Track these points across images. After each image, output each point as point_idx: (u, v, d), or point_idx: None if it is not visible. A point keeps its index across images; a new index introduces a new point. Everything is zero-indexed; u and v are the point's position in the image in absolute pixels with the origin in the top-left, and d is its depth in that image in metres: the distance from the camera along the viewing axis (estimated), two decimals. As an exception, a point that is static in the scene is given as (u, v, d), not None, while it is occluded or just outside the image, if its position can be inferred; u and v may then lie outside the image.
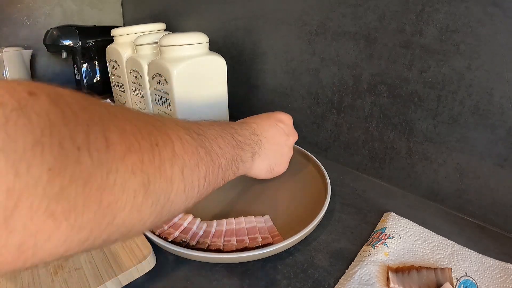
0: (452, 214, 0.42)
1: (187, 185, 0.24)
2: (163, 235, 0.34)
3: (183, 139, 0.25)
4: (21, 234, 0.14)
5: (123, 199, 0.18)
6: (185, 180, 0.24)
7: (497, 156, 0.37)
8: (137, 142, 0.20)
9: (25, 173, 0.14)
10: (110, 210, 0.18)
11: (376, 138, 0.48)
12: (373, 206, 0.43)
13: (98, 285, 0.29)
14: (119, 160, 0.18)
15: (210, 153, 0.28)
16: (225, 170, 0.31)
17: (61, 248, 0.16)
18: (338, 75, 0.50)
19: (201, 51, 0.52)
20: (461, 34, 0.36)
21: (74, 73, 0.85)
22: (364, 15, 0.44)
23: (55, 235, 0.15)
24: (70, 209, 0.16)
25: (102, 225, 0.18)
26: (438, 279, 0.31)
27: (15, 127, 0.14)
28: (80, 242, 0.17)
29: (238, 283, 0.32)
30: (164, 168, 0.22)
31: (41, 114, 0.15)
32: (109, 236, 0.19)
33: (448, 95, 0.39)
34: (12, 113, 0.14)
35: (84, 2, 0.97)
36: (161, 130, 0.23)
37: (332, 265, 0.34)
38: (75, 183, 0.15)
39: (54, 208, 0.15)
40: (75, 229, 0.16)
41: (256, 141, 0.38)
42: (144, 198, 0.20)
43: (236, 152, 0.33)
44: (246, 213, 0.39)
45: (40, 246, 0.15)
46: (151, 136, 0.21)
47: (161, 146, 0.22)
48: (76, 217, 0.16)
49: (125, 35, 0.67)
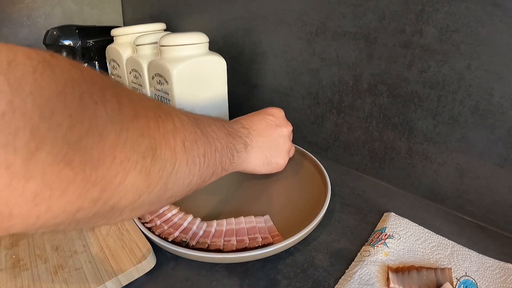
0: (452, 214, 0.42)
1: (189, 158, 0.25)
2: (163, 235, 0.34)
3: (182, 117, 0.26)
4: (38, 182, 0.15)
5: (134, 158, 0.19)
6: (187, 153, 0.25)
7: (497, 156, 0.37)
8: (144, 110, 0.21)
9: (49, 116, 0.14)
10: (123, 168, 0.18)
11: (376, 138, 0.48)
12: (373, 206, 0.43)
13: (98, 285, 0.29)
14: (129, 121, 0.19)
15: (206, 134, 0.29)
16: (222, 155, 0.31)
17: (74, 205, 0.17)
18: (338, 75, 0.50)
19: (201, 51, 0.52)
20: (461, 34, 0.36)
21: (74, 73, 0.85)
22: (364, 15, 0.44)
23: (70, 187, 0.16)
24: (86, 160, 0.16)
25: (114, 184, 0.18)
26: (438, 279, 0.31)
27: (42, 76, 0.15)
28: (92, 201, 0.17)
29: (238, 283, 0.32)
30: (168, 137, 0.23)
31: (63, 70, 0.16)
32: (119, 199, 0.19)
33: (448, 95, 0.39)
34: (38, 65, 0.15)
35: (84, 2, 0.97)
36: (162, 108, 0.24)
37: (332, 265, 0.34)
38: (92, 134, 0.16)
39: (72, 157, 0.15)
40: (90, 184, 0.17)
41: (246, 134, 0.38)
42: (152, 162, 0.21)
43: (229, 141, 0.34)
44: (246, 213, 0.39)
45: (55, 198, 0.15)
46: (154, 109, 0.22)
47: (164, 119, 0.23)
48: (91, 169, 0.16)
49: (125, 35, 0.67)
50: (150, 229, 0.36)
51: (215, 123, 0.33)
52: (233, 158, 0.34)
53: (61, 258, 0.32)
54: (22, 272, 0.31)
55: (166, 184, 0.23)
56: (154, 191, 0.22)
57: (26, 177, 0.14)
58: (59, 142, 0.15)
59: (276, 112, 0.44)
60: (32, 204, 0.15)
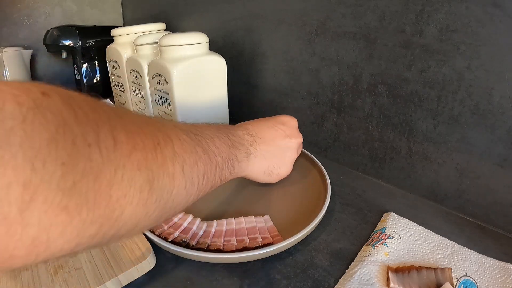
0: (452, 214, 0.42)
1: (187, 181, 0.25)
2: (163, 235, 0.34)
3: (182, 139, 0.26)
4: (35, 228, 0.15)
5: (131, 194, 0.19)
6: (185, 177, 0.25)
7: (497, 156, 0.37)
8: (141, 141, 0.21)
9: (41, 168, 0.14)
10: (119, 205, 0.18)
11: (376, 138, 0.48)
12: (373, 206, 0.43)
13: (98, 285, 0.29)
14: (126, 157, 0.19)
15: (208, 152, 0.29)
16: (222, 169, 0.32)
17: (73, 242, 0.17)
18: (338, 75, 0.50)
19: (201, 51, 0.52)
20: (461, 34, 0.36)
21: (74, 73, 0.85)
22: (364, 15, 0.44)
23: (67, 230, 0.16)
24: (82, 203, 0.16)
25: (112, 220, 0.18)
26: (438, 279, 0.31)
27: (32, 125, 0.14)
28: (91, 236, 0.18)
29: (238, 283, 0.32)
30: (167, 165, 0.23)
31: (55, 113, 0.16)
32: (117, 230, 0.19)
33: (448, 95, 0.39)
34: (29, 112, 0.15)
35: (84, 2, 0.97)
36: (162, 130, 0.24)
37: (332, 265, 0.34)
38: (86, 178, 0.16)
39: (67, 202, 0.15)
40: (87, 223, 0.17)
41: (251, 141, 0.38)
42: (149, 194, 0.21)
43: (232, 152, 0.34)
44: (246, 213, 0.39)
45: (53, 240, 0.16)
46: (153, 136, 0.22)
47: (163, 145, 0.23)
48: (88, 211, 0.17)
49: (125, 35, 0.67)
50: (150, 229, 0.36)
51: (218, 134, 0.32)
52: (233, 169, 0.34)
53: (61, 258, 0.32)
54: (22, 272, 0.31)
55: (164, 209, 0.23)
56: (152, 217, 0.22)
57: (23, 224, 0.14)
58: (52, 191, 0.15)
59: (288, 121, 0.43)
60: (31, 247, 0.15)
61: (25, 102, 0.15)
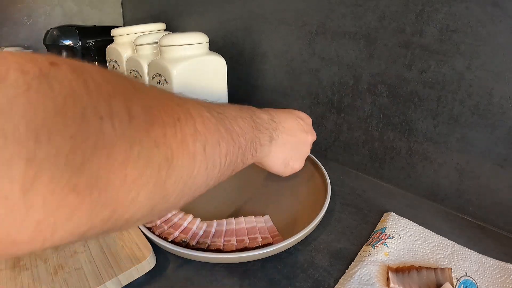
0: (452, 214, 0.42)
1: (209, 162, 0.23)
2: (163, 235, 0.34)
3: (204, 116, 0.24)
4: (40, 211, 0.13)
5: (148, 174, 0.17)
6: (207, 157, 0.23)
7: (497, 156, 0.37)
8: (160, 116, 0.19)
9: (46, 141, 0.13)
10: (135, 186, 0.17)
11: (376, 138, 0.48)
12: (373, 206, 0.43)
13: (98, 285, 0.29)
14: (143, 132, 0.17)
15: (231, 132, 0.27)
16: (244, 151, 0.30)
17: (83, 227, 0.15)
18: (338, 75, 0.50)
19: (201, 51, 0.52)
20: (461, 34, 0.36)
21: (74, 73, 0.85)
22: (364, 15, 0.44)
23: (76, 213, 0.14)
24: (93, 183, 0.15)
25: (126, 202, 0.17)
26: (438, 279, 0.31)
27: (37, 94, 0.13)
28: (103, 221, 0.16)
29: (238, 283, 0.32)
30: (187, 143, 0.21)
31: (63, 83, 0.14)
32: (132, 214, 0.18)
33: (448, 95, 0.39)
34: (34, 80, 0.13)
35: (84, 2, 0.97)
36: (183, 106, 0.22)
37: (332, 265, 0.34)
38: (98, 154, 0.15)
39: (76, 182, 0.14)
40: (98, 206, 0.15)
41: (274, 127, 0.37)
42: (168, 174, 0.19)
43: (255, 134, 0.32)
44: (246, 213, 0.39)
45: (60, 224, 0.14)
46: (173, 111, 0.21)
47: (183, 122, 0.21)
48: (99, 192, 0.15)
49: (125, 35, 0.67)
50: (150, 229, 0.36)
51: (242, 115, 0.31)
52: (255, 152, 0.33)
53: (61, 258, 0.32)
54: (22, 272, 0.31)
55: (182, 191, 0.21)
56: (170, 200, 0.21)
57: (26, 206, 0.13)
58: (60, 168, 0.13)
59: (306, 118, 0.43)
60: (36, 231, 0.14)
61: (31, 70, 0.14)
